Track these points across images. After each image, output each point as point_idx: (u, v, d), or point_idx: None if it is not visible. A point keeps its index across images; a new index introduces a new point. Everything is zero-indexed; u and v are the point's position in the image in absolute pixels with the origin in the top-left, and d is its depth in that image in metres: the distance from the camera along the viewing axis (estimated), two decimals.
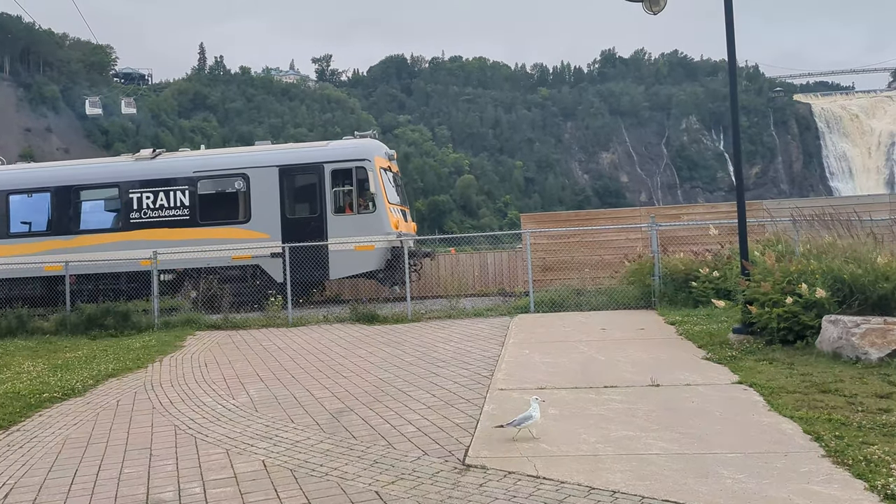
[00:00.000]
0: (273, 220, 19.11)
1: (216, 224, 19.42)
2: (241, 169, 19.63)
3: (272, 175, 19.31)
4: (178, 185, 19.66)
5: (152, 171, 20.10)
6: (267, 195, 19.24)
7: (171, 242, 19.05)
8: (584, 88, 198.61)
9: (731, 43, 10.65)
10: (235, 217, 19.53)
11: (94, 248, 19.38)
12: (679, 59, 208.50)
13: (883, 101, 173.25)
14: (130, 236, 19.55)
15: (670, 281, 14.77)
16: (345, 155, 19.27)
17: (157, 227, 19.57)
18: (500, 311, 15.44)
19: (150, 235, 19.41)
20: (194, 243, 19.00)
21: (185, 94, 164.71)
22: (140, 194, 19.75)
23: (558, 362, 9.47)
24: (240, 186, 19.52)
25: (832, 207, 11.42)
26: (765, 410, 6.62)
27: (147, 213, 19.70)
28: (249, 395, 8.99)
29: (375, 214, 18.68)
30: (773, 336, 9.59)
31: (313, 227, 18.91)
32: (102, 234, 19.81)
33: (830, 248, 10.20)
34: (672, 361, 9.18)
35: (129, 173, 20.16)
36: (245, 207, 19.46)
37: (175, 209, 19.60)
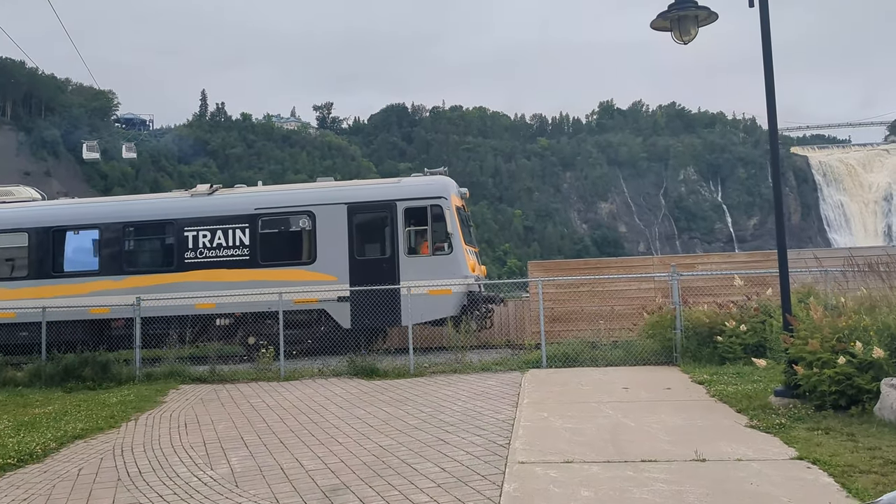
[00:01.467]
0: (340, 261, 17.86)
1: (278, 265, 18.16)
2: (306, 206, 18.39)
3: (340, 213, 18.10)
4: (237, 223, 18.39)
5: (210, 207, 18.80)
6: (334, 234, 18.00)
7: (229, 284, 17.90)
8: (582, 139, 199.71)
9: (772, 109, 9.80)
10: (299, 257, 18.32)
11: (143, 289, 18.05)
12: (677, 110, 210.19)
13: (880, 154, 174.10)
14: (185, 277, 18.33)
15: (693, 335, 13.72)
16: (419, 192, 18.07)
17: (215, 267, 18.29)
18: (510, 365, 14.36)
19: (206, 276, 18.19)
20: (254, 285, 17.71)
21: (185, 139, 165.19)
22: (196, 232, 18.51)
23: (582, 428, 8.38)
24: (304, 225, 18.32)
25: (888, 255, 10.45)
26: (842, 497, 5.54)
27: (203, 252, 18.44)
28: (231, 464, 7.88)
29: (452, 256, 17.50)
30: (823, 400, 8.53)
31: (384, 269, 17.66)
32: (153, 276, 18.59)
33: (882, 302, 9.19)
34: (712, 429, 8.09)
35: (184, 210, 18.87)
36: (310, 247, 18.22)
37: (234, 248, 18.35)
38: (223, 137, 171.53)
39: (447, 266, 17.33)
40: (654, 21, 10.86)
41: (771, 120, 9.89)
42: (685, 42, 10.40)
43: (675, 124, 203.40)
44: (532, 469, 6.71)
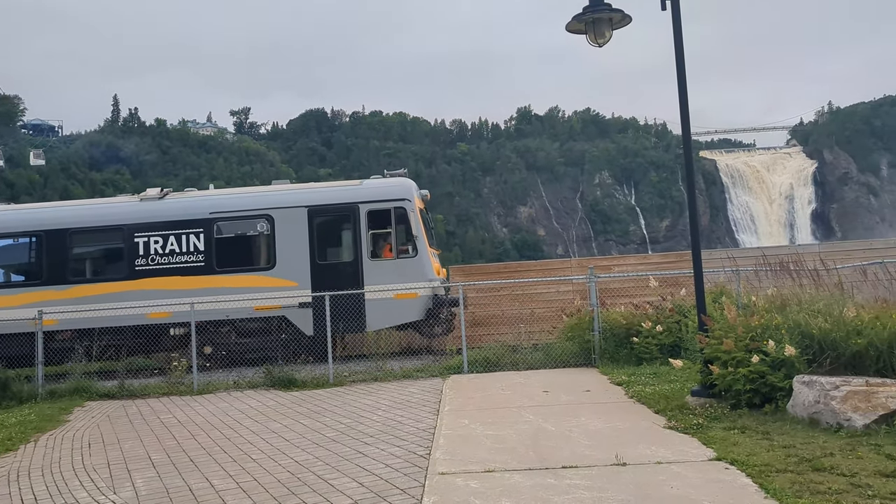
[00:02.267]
0: (301, 266, 17.30)
1: (236, 271, 17.48)
2: (264, 210, 17.75)
3: (300, 216, 17.52)
4: (191, 228, 17.60)
5: (162, 212, 17.95)
6: (294, 239, 17.43)
7: (183, 292, 16.96)
8: (501, 144, 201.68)
9: (685, 112, 9.93)
10: (258, 263, 17.70)
11: (91, 299, 17.14)
12: (591, 116, 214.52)
13: (782, 157, 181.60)
14: (136, 286, 17.42)
15: (611, 336, 13.86)
16: (382, 195, 17.67)
17: (168, 274, 17.48)
18: (431, 371, 14.17)
19: (158, 284, 17.34)
20: (210, 292, 16.89)
21: (96, 145, 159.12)
22: (148, 238, 17.63)
23: (504, 435, 8.26)
24: (263, 229, 17.68)
25: (798, 254, 10.71)
26: (760, 498, 5.56)
27: (156, 259, 17.59)
28: (136, 487, 7.43)
29: (417, 259, 17.16)
30: (738, 399, 8.65)
31: (348, 273, 17.20)
32: (101, 284, 17.58)
33: (793, 300, 9.41)
34: (632, 431, 8.09)
35: (134, 215, 17.96)
36: (269, 252, 17.60)
37: (188, 255, 17.55)
38: (136, 143, 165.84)
39: (413, 269, 17.05)
40: (569, 23, 10.89)
41: (684, 123, 10.03)
42: (600, 45, 10.45)
43: (590, 130, 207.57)
44: (453, 480, 6.53)
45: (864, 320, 8.48)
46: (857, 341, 8.25)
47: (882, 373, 8.14)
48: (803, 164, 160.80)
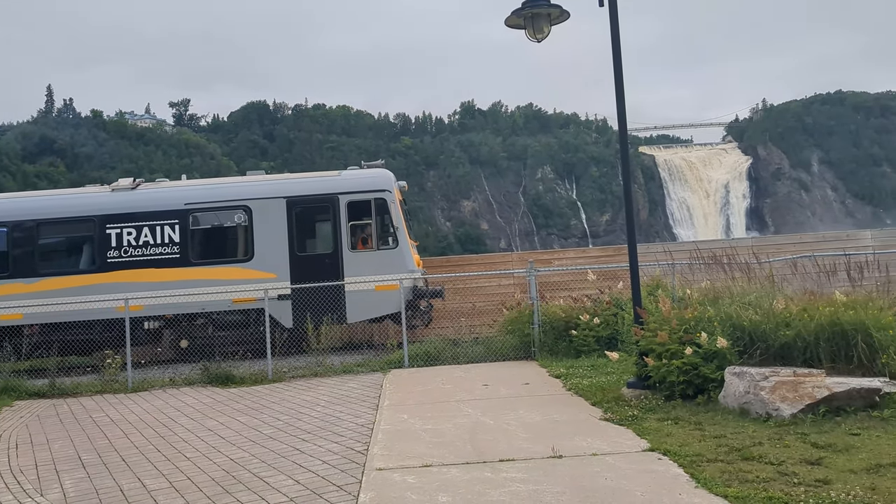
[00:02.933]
0: (280, 257, 17.08)
1: (212, 263, 17.19)
2: (242, 201, 17.44)
3: (279, 207, 17.29)
4: (166, 219, 17.21)
5: (135, 203, 17.53)
6: (272, 230, 17.19)
7: (157, 284, 16.69)
8: (445, 138, 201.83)
9: (622, 108, 10.06)
10: (235, 255, 17.41)
11: (61, 292, 16.56)
12: (534, 111, 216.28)
13: (719, 152, 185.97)
14: (108, 278, 16.92)
15: (550, 329, 14.00)
16: (363, 185, 17.51)
17: (141, 266, 17.06)
18: (372, 366, 14.11)
19: (131, 277, 16.89)
20: (186, 285, 16.57)
21: (29, 137, 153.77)
22: (120, 230, 17.20)
23: (442, 429, 8.26)
24: (240, 220, 17.39)
25: (732, 248, 10.97)
26: (691, 487, 5.67)
27: (129, 251, 17.16)
28: (64, 488, 7.20)
29: (398, 250, 17.08)
30: (672, 390, 8.83)
31: (327, 265, 17.01)
32: (72, 277, 17.07)
33: (725, 293, 9.64)
34: (569, 424, 8.18)
35: (106, 206, 17.49)
36: (247, 244, 17.33)
37: (163, 246, 17.16)
38: (72, 135, 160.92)
39: (393, 261, 16.93)
40: (508, 18, 10.95)
41: (620, 119, 10.18)
42: (538, 40, 10.53)
43: (532, 125, 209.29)
44: (390, 476, 6.50)
45: (793, 312, 8.74)
46: (786, 333, 8.50)
47: (809, 363, 8.41)
48: (738, 160, 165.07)
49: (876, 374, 8.05)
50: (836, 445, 6.50)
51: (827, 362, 8.30)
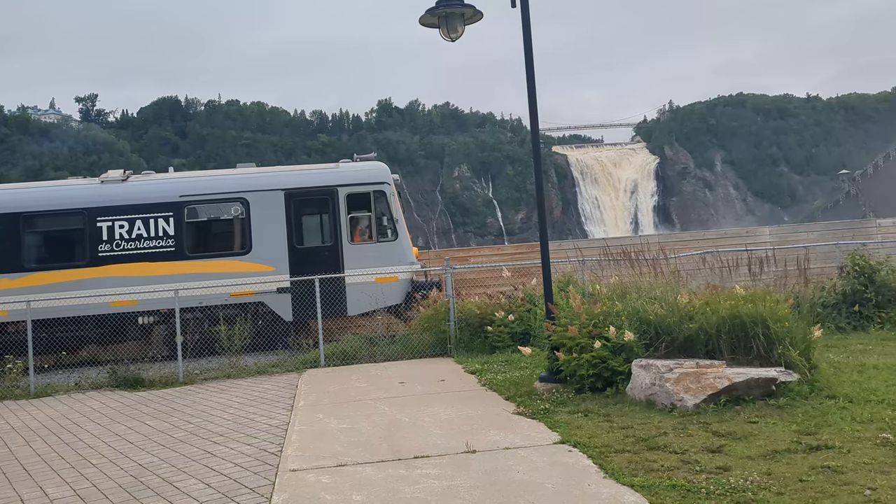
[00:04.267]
0: (279, 250, 16.88)
1: (209, 256, 16.90)
2: (239, 193, 17.18)
3: (277, 200, 17.10)
4: (160, 212, 16.83)
5: (127, 195, 17.08)
6: (271, 222, 16.99)
7: (151, 279, 16.28)
8: (362, 136, 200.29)
9: (534, 108, 10.23)
10: (232, 248, 17.14)
11: (49, 287, 16.03)
12: (451, 110, 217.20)
13: (628, 152, 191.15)
14: (99, 272, 16.47)
15: (466, 326, 14.14)
16: (361, 178, 17.47)
17: (134, 260, 16.66)
18: (287, 366, 13.94)
19: (124, 271, 16.52)
20: (181, 279, 16.14)
21: None
22: (112, 223, 16.74)
23: (358, 428, 8.25)
24: (237, 213, 17.13)
25: (641, 244, 11.31)
26: (599, 478, 5.84)
27: (121, 244, 16.70)
28: None
29: (397, 243, 17.15)
30: (582, 384, 9.06)
31: (327, 257, 16.90)
32: (60, 272, 16.49)
33: (633, 288, 9.95)
34: (483, 419, 8.30)
35: (97, 198, 17.00)
36: (244, 237, 17.07)
37: (157, 239, 16.77)
38: None
39: (393, 253, 16.91)
40: (422, 17, 11.01)
41: (532, 119, 10.37)
42: (453, 39, 10.64)
43: (449, 123, 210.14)
44: (304, 477, 6.46)
45: (696, 306, 9.09)
46: (690, 326, 8.84)
47: (711, 355, 8.76)
48: (647, 160, 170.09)
49: (773, 364, 8.45)
50: (735, 433, 6.81)
51: (728, 354, 8.66)
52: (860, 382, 8.55)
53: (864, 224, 23.91)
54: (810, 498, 5.09)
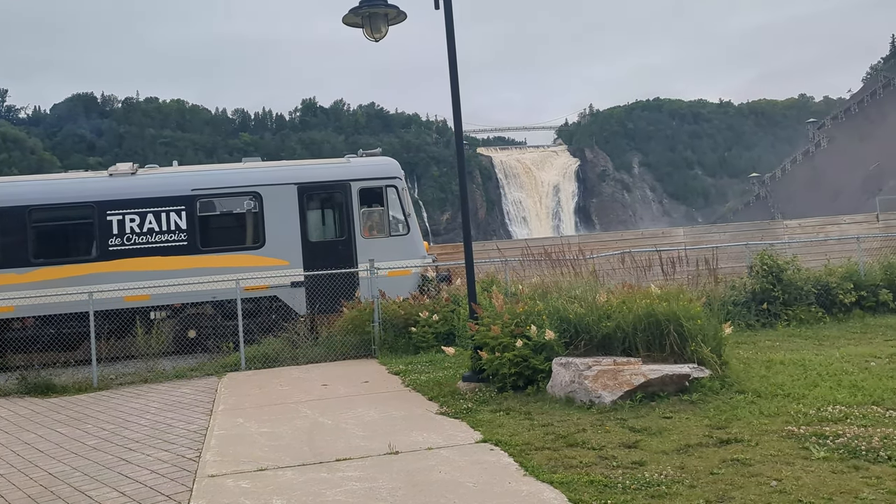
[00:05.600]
0: (292, 244, 16.83)
1: (222, 250, 16.72)
2: (251, 187, 17.08)
3: (290, 194, 17.04)
4: (172, 206, 16.64)
5: (137, 188, 16.84)
6: (284, 216, 16.92)
7: (164, 273, 16.18)
8: (286, 135, 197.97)
9: (458, 117, 10.31)
10: (246, 241, 17.03)
11: (58, 282, 15.66)
12: (376, 110, 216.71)
13: (550, 155, 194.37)
14: (110, 267, 16.18)
15: (390, 327, 14.14)
16: (373, 173, 17.51)
17: (146, 255, 16.44)
18: (207, 370, 13.66)
19: (136, 265, 16.29)
20: (194, 273, 16.04)
21: None
22: (122, 216, 16.47)
23: (279, 432, 8.15)
24: (250, 207, 17.03)
25: (563, 245, 11.52)
26: (520, 475, 5.93)
27: (132, 238, 16.47)
28: None
29: (410, 237, 17.26)
30: (504, 382, 9.18)
31: (340, 251, 16.96)
32: (70, 266, 16.16)
33: (554, 288, 10.13)
34: (406, 419, 8.31)
35: (107, 192, 16.69)
36: (257, 230, 16.96)
37: (169, 233, 16.57)
38: None
39: (406, 247, 16.91)
40: (345, 17, 10.99)
41: (456, 120, 10.45)
42: (376, 39, 10.66)
43: (374, 123, 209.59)
44: (223, 482, 6.34)
45: (614, 305, 9.32)
46: (607, 324, 9.06)
47: (628, 352, 8.99)
48: (568, 162, 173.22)
49: (686, 360, 8.73)
50: (650, 429, 7.01)
51: (643, 351, 8.90)
52: (768, 377, 8.92)
53: (772, 225, 24.97)
54: (720, 490, 5.29)
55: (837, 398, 7.67)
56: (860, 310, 14.51)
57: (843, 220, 24.71)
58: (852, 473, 5.45)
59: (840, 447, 6.04)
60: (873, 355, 10.15)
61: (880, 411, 7.11)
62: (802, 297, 14.33)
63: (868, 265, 15.55)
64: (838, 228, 23.25)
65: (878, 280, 14.90)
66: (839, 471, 5.52)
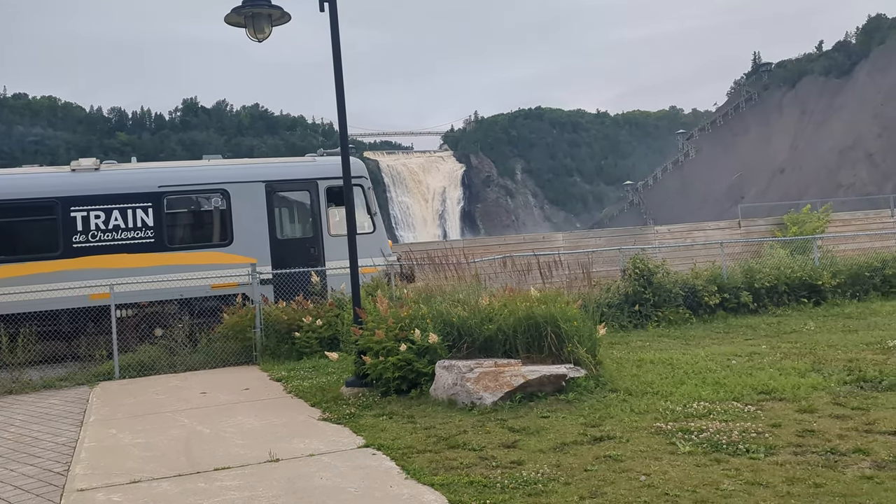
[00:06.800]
0: (260, 242, 16.72)
1: (189, 248, 16.56)
2: (219, 184, 16.89)
3: (258, 191, 16.94)
4: (138, 202, 16.29)
5: (102, 184, 16.40)
6: (252, 214, 16.80)
7: (131, 270, 15.77)
8: (166, 135, 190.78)
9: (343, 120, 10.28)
10: (213, 239, 16.90)
11: (18, 280, 15.02)
12: (260, 112, 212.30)
13: (436, 160, 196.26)
14: (75, 264, 15.71)
15: (273, 332, 13.92)
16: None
17: (112, 252, 16.03)
18: (78, 379, 13.01)
19: (101, 262, 15.86)
20: (162, 270, 15.71)
21: None
22: (87, 213, 16.01)
23: (155, 442, 7.87)
24: (218, 204, 16.85)
25: (440, 250, 11.65)
26: (401, 479, 5.98)
27: (97, 235, 16.02)
28: None
29: (376, 235, 17.37)
30: (388, 387, 9.22)
31: (308, 249, 17.00)
32: (31, 264, 15.60)
33: (438, 292, 10.26)
34: (288, 426, 8.22)
35: (70, 187, 16.21)
36: (225, 228, 16.78)
37: (136, 230, 16.22)
38: None
39: (372, 245, 16.65)
40: (228, 16, 10.79)
41: (341, 122, 10.46)
42: (260, 40, 10.55)
43: (258, 125, 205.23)
44: (93, 496, 6.07)
45: (495, 308, 9.53)
46: (489, 327, 9.26)
47: (509, 354, 9.21)
48: (454, 168, 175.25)
49: (563, 361, 9.04)
50: (529, 429, 7.22)
51: (524, 352, 9.15)
52: (639, 376, 9.36)
53: (644, 230, 26.19)
54: (594, 486, 5.51)
55: (702, 395, 8.13)
56: (723, 311, 15.42)
57: (709, 226, 26.23)
58: (714, 466, 5.80)
59: (703, 441, 6.42)
60: (735, 354, 10.82)
61: (740, 406, 7.59)
62: (671, 299, 15.09)
63: (730, 269, 16.56)
64: (704, 234, 24.66)
65: (739, 283, 15.87)
66: (702, 464, 5.87)
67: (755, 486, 5.27)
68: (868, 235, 25.02)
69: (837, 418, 6.97)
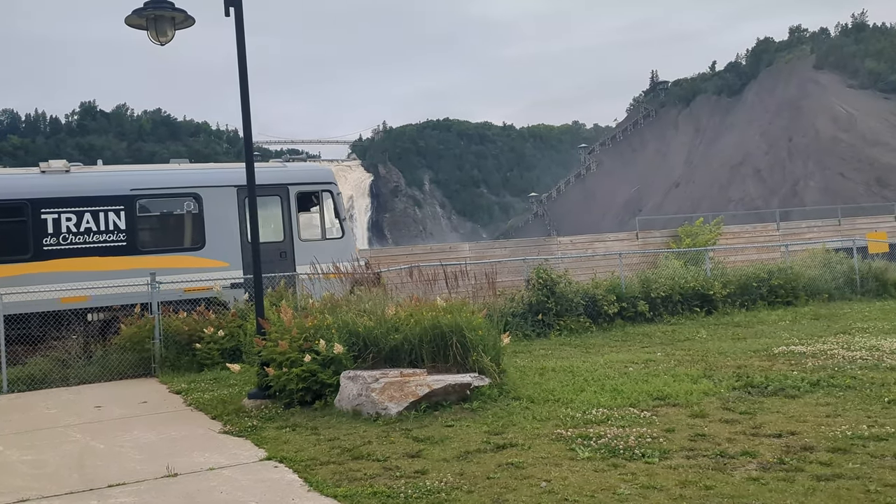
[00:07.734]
0: (232, 246, 16.68)
1: (161, 251, 16.29)
2: (191, 188, 16.82)
3: (230, 196, 16.85)
4: (110, 205, 16.03)
5: (74, 187, 16.06)
6: (224, 218, 16.73)
7: (102, 274, 15.54)
8: (62, 139, 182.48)
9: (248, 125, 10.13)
10: (186, 243, 16.71)
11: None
12: (163, 117, 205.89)
13: (344, 169, 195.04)
14: (45, 267, 15.36)
15: (172, 344, 13.55)
16: (311, 177, 18.12)
17: (83, 255, 15.68)
18: None
19: (72, 265, 15.51)
20: (134, 274, 15.37)
21: None
22: (58, 215, 15.68)
23: (45, 458, 7.53)
24: (190, 208, 16.74)
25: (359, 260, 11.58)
26: (304, 491, 5.92)
27: (68, 238, 15.67)
28: None
29: (344, 240, 17.57)
30: (291, 398, 9.10)
31: (279, 253, 16.92)
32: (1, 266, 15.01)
33: (344, 302, 10.21)
34: (187, 440, 8.01)
35: (40, 189, 15.83)
36: (197, 232, 16.64)
37: (107, 234, 15.94)
38: None
39: (341, 250, 16.39)
40: (129, 17, 10.54)
41: (246, 129, 10.30)
42: (162, 43, 10.32)
43: (160, 131, 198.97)
44: None
45: (402, 318, 9.55)
46: (395, 337, 9.27)
47: (415, 363, 9.25)
48: (362, 177, 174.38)
49: (468, 370, 9.14)
50: (433, 438, 7.27)
51: (429, 362, 9.20)
52: (541, 384, 9.57)
53: (547, 241, 26.80)
54: (496, 493, 5.61)
55: (601, 401, 8.39)
56: (622, 319, 15.95)
57: (609, 238, 27.07)
58: (612, 471, 5.99)
59: (602, 447, 6.62)
60: (631, 361, 11.20)
61: (636, 412, 7.87)
62: (573, 308, 15.50)
63: (628, 279, 17.15)
64: (605, 245, 25.43)
65: (636, 292, 16.45)
66: (601, 469, 6.05)
67: (650, 489, 5.48)
68: (756, 248, 26.39)
69: (727, 422, 7.31)
